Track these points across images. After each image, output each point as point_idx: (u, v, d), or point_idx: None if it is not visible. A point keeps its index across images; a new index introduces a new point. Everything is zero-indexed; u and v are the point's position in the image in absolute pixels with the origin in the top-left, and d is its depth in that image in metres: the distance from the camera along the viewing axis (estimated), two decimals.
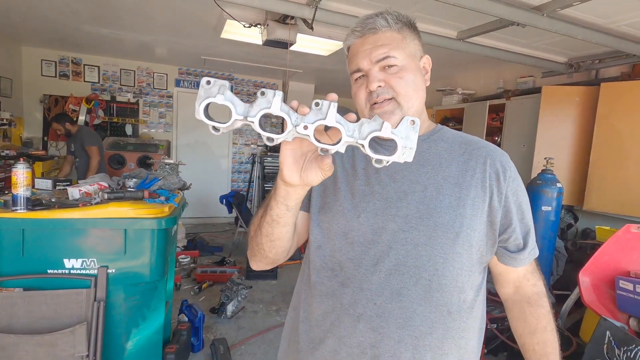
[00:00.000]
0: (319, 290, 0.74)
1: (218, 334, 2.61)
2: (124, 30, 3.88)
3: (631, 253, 1.67)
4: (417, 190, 0.70)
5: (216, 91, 0.48)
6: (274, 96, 0.48)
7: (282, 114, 0.49)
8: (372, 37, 0.73)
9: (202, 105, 0.48)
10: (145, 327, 1.77)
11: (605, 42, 2.86)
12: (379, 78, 0.71)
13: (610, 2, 2.29)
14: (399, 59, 0.71)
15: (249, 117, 0.49)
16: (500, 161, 0.73)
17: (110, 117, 5.29)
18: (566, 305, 2.48)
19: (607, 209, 3.33)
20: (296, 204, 0.64)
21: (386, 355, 0.67)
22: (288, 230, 0.68)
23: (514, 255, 0.74)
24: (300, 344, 0.76)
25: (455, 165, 0.72)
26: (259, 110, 0.49)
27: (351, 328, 0.69)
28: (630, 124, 3.16)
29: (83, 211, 1.61)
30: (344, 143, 0.49)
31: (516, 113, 4.08)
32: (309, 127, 0.48)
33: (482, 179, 0.70)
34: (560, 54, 3.61)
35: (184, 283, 3.44)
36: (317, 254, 0.75)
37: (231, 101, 0.48)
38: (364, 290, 0.69)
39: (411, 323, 0.67)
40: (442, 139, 0.76)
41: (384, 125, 0.49)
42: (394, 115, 0.71)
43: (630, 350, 1.33)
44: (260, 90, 0.49)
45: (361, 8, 2.76)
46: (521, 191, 0.74)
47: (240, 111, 0.49)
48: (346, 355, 0.69)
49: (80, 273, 1.63)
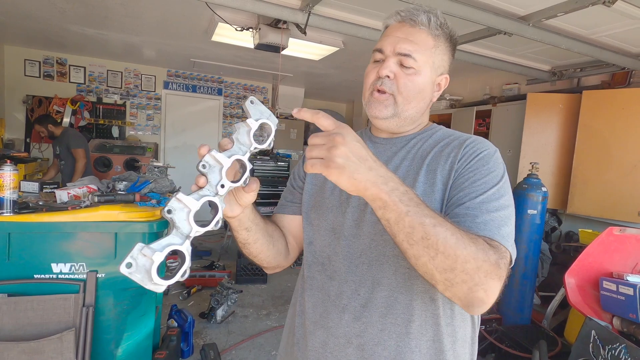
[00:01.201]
0: (309, 284, 0.78)
1: (208, 339, 2.58)
2: (112, 31, 3.83)
3: (614, 255, 1.73)
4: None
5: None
6: (187, 216, 0.51)
7: (213, 200, 0.54)
8: (408, 28, 0.72)
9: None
10: (134, 333, 1.73)
11: (587, 52, 2.97)
12: (392, 69, 0.71)
13: (591, 14, 2.39)
14: (418, 63, 0.71)
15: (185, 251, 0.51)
16: (470, 144, 0.71)
17: (96, 119, 5.19)
18: (551, 306, 2.54)
19: (589, 213, 3.44)
20: (252, 223, 0.70)
21: (370, 344, 0.68)
22: (262, 242, 0.74)
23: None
24: (296, 337, 0.80)
25: (432, 154, 0.73)
26: (183, 238, 0.51)
27: (337, 319, 0.71)
28: (610, 131, 3.28)
29: (72, 214, 1.57)
30: (246, 161, 0.56)
31: (502, 119, 4.19)
32: (225, 185, 0.54)
33: (452, 163, 0.69)
34: (545, 62, 3.73)
35: (173, 288, 3.39)
36: (309, 250, 0.79)
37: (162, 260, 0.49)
38: (348, 282, 0.71)
39: (393, 311, 0.68)
40: (431, 136, 0.77)
41: (247, 124, 0.55)
42: (385, 108, 0.73)
43: (614, 349, 1.38)
44: (166, 216, 0.50)
45: (354, 14, 2.80)
46: (480, 169, 0.67)
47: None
48: (334, 346, 0.71)
49: (68, 278, 1.59)
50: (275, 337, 2.67)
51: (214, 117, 6.00)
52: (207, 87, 5.82)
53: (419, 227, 0.52)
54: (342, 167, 0.50)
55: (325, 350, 0.72)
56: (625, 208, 3.18)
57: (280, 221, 0.84)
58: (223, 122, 6.03)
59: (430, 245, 0.52)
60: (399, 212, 0.52)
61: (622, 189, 3.21)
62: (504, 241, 0.59)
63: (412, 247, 0.53)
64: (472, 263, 0.52)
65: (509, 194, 0.67)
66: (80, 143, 3.62)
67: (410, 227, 0.52)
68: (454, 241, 0.52)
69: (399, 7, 0.83)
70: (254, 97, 0.57)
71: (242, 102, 0.50)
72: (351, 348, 0.69)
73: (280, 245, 0.80)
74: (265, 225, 0.76)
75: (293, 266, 4.24)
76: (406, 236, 0.53)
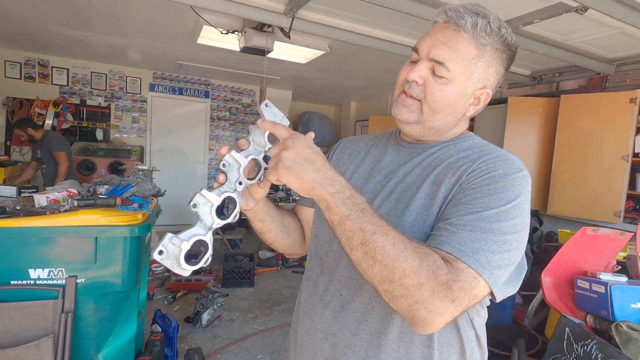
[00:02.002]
0: (307, 275, 0.81)
1: (193, 343, 2.55)
2: (96, 33, 3.78)
3: (587, 254, 1.79)
4: (400, 190, 0.69)
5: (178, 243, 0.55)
6: (210, 210, 0.57)
7: (232, 196, 0.60)
8: (450, 31, 0.64)
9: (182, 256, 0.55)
10: (116, 339, 1.71)
11: (564, 57, 3.07)
12: (421, 74, 0.66)
13: (566, 21, 2.47)
14: (452, 73, 0.64)
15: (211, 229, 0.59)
16: (488, 160, 0.63)
17: (79, 122, 5.10)
18: (532, 305, 2.60)
19: (568, 213, 3.54)
20: (266, 215, 0.76)
21: (342, 345, 0.69)
22: (276, 232, 0.80)
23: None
24: (292, 321, 0.85)
25: (444, 165, 0.67)
26: (209, 225, 0.58)
27: (320, 313, 0.73)
28: (587, 134, 3.39)
29: (51, 219, 1.55)
30: (261, 160, 0.62)
31: (486, 122, 4.28)
32: (242, 182, 0.60)
33: (459, 176, 0.62)
34: (525, 67, 3.83)
35: (158, 292, 3.35)
36: (314, 242, 0.81)
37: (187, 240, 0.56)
38: (334, 281, 0.72)
39: (368, 319, 0.67)
40: (456, 145, 0.71)
41: (259, 126, 0.61)
42: (409, 113, 0.68)
43: (586, 345, 1.43)
44: (192, 210, 0.57)
45: (338, 19, 2.83)
46: (485, 187, 0.59)
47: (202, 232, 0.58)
48: (314, 338, 0.74)
49: (46, 284, 1.56)
50: (261, 340, 2.66)
51: (201, 119, 5.96)
52: (194, 90, 5.79)
53: (359, 233, 0.52)
54: (289, 168, 0.54)
55: (308, 339, 0.75)
56: (602, 208, 3.28)
57: (299, 213, 0.89)
58: (210, 124, 5.99)
59: (369, 252, 0.51)
60: (340, 214, 0.53)
61: (599, 190, 3.32)
62: (478, 266, 0.52)
63: (352, 252, 0.53)
64: (412, 278, 0.50)
65: (516, 222, 0.57)
66: (62, 146, 3.56)
67: (350, 232, 0.53)
68: (394, 252, 0.50)
69: (380, 12, 0.83)
70: (269, 100, 0.62)
71: (257, 106, 0.58)
72: (326, 344, 0.71)
73: (296, 235, 0.86)
74: (281, 217, 0.81)
75: (281, 269, 4.24)
76: (347, 240, 0.53)
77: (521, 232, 0.57)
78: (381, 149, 0.80)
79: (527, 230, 0.59)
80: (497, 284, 0.54)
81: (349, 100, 7.03)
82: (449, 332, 0.65)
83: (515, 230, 0.56)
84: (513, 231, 0.56)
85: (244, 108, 6.20)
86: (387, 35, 3.07)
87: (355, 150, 0.84)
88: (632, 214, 3.25)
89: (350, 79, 5.04)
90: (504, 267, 0.55)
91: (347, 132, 7.20)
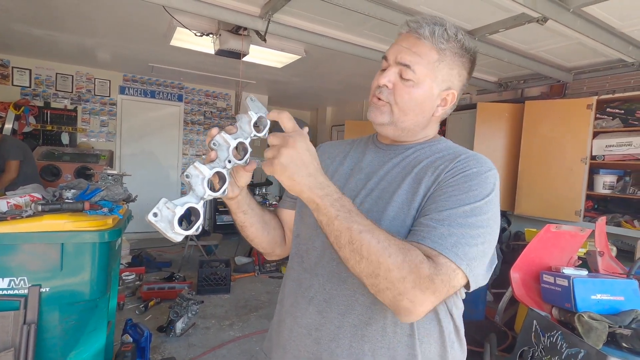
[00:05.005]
0: (288, 274, 0.82)
1: (166, 353, 2.47)
2: (62, 32, 3.63)
3: (552, 250, 1.88)
4: (382, 187, 0.73)
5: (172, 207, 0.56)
6: (202, 181, 0.59)
7: (222, 172, 0.63)
8: (412, 39, 0.71)
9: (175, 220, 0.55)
10: (84, 350, 1.63)
11: (527, 65, 3.24)
12: (390, 79, 0.72)
13: (529, 31, 2.62)
14: (417, 75, 0.70)
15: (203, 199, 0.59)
16: (463, 159, 0.69)
17: (43, 125, 4.85)
18: (502, 302, 2.71)
19: (534, 213, 3.72)
20: (248, 207, 0.76)
21: (326, 339, 0.70)
22: (257, 227, 0.82)
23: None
24: (272, 322, 0.86)
25: (423, 164, 0.72)
26: (200, 195, 0.59)
27: (304, 310, 0.74)
28: (550, 138, 3.59)
29: (12, 225, 1.46)
30: (247, 144, 0.66)
31: (457, 126, 4.44)
32: (231, 160, 0.63)
33: (438, 175, 0.68)
34: (492, 74, 4.02)
35: (128, 302, 3.21)
36: (295, 242, 0.83)
37: (181, 205, 0.56)
38: (317, 276, 0.74)
39: (352, 311, 0.69)
40: (431, 147, 0.76)
41: (249, 116, 0.66)
42: (381, 115, 0.74)
43: (552, 336, 1.51)
44: (185, 180, 0.59)
45: (314, 24, 2.87)
46: (461, 185, 0.64)
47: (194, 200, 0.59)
48: (296, 335, 0.74)
49: (6, 294, 1.47)
50: (238, 347, 2.61)
51: (175, 123, 5.82)
52: (167, 93, 5.65)
53: (346, 232, 0.56)
54: (285, 166, 0.57)
55: (291, 337, 0.75)
56: (565, 208, 3.47)
57: (280, 215, 0.91)
58: (184, 128, 5.86)
59: (355, 249, 0.56)
60: (329, 215, 0.57)
61: (562, 191, 3.51)
62: (457, 259, 0.57)
63: (340, 249, 0.58)
64: (396, 272, 0.54)
65: (488, 216, 0.62)
66: (16, 154, 3.18)
67: (338, 231, 0.57)
68: (379, 249, 0.55)
69: (355, 18, 0.87)
70: (253, 95, 0.69)
71: (244, 100, 0.58)
72: (310, 340, 0.72)
73: (276, 234, 0.87)
74: (262, 212, 0.83)
75: (257, 275, 4.19)
76: (335, 239, 0.58)
77: (493, 226, 0.64)
78: (360, 151, 0.85)
79: (498, 223, 0.66)
80: (473, 274, 0.59)
81: (325, 105, 7.10)
82: (429, 323, 0.70)
83: (488, 224, 0.62)
84: (486, 225, 0.62)
85: (219, 112, 6.12)
86: (362, 41, 3.13)
87: (334, 153, 0.89)
88: (591, 213, 3.46)
89: (327, 83, 5.10)
90: (479, 258, 0.60)
91: (323, 136, 7.24)
